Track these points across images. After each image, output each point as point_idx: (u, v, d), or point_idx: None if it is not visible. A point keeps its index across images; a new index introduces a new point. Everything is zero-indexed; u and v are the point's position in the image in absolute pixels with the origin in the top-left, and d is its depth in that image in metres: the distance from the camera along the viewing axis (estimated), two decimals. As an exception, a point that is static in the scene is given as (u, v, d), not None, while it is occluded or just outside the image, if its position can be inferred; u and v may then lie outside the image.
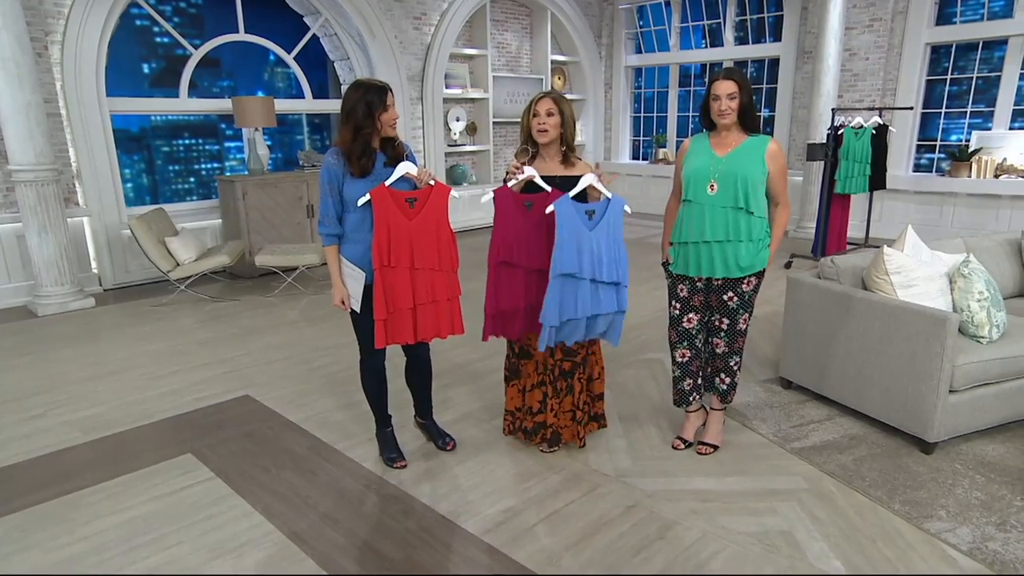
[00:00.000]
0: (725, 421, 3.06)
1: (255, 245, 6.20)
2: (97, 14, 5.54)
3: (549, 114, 2.68)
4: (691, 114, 9.63)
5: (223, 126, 8.38)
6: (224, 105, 6.67)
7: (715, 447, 2.94)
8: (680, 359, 2.92)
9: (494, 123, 8.88)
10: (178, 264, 5.40)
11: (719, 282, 2.76)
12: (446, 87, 8.27)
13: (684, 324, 2.87)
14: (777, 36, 8.35)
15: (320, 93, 8.10)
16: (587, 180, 2.62)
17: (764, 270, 2.75)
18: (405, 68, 7.72)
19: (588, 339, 2.74)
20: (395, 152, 2.65)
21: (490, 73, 8.64)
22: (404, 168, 2.60)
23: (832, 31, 6.86)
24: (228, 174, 7.17)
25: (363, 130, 2.57)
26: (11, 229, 5.35)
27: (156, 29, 7.20)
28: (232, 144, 8.79)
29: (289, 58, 7.15)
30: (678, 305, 2.87)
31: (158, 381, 3.87)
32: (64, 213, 5.20)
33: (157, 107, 6.61)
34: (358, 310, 2.68)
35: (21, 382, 3.87)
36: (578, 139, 10.21)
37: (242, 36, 6.75)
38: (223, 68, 8.20)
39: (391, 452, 2.93)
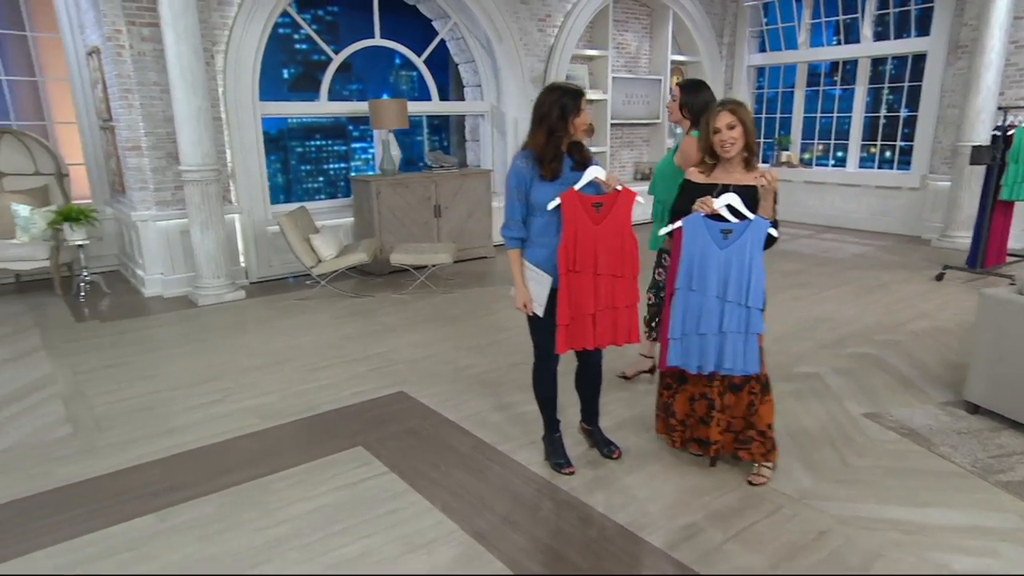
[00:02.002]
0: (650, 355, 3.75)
1: (386, 243, 6.41)
2: (256, 23, 5.89)
3: (730, 127, 2.59)
4: (818, 115, 9.15)
5: (351, 127, 8.74)
6: (360, 107, 6.93)
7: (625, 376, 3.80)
8: (647, 300, 3.66)
9: (612, 124, 8.78)
10: (320, 260, 5.65)
11: (658, 253, 3.52)
12: (565, 89, 8.23)
13: (656, 276, 3.58)
14: (924, 30, 7.78)
15: (442, 96, 8.27)
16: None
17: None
18: (528, 70, 7.76)
19: (725, 370, 2.64)
20: (582, 156, 2.63)
21: (610, 74, 8.55)
22: (593, 172, 2.57)
23: (998, 22, 6.31)
24: (355, 174, 7.45)
25: (556, 133, 2.57)
26: (176, 225, 5.77)
27: (296, 36, 7.59)
28: (358, 145, 9.17)
29: (419, 62, 7.34)
30: (655, 262, 3.58)
31: (315, 373, 4.05)
32: (222, 210, 5.56)
33: (301, 110, 6.96)
34: (541, 314, 2.68)
35: (195, 369, 4.15)
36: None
37: (377, 41, 6.99)
38: (353, 72, 8.55)
39: (559, 458, 2.92)
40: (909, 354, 4.18)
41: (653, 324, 3.66)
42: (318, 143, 8.59)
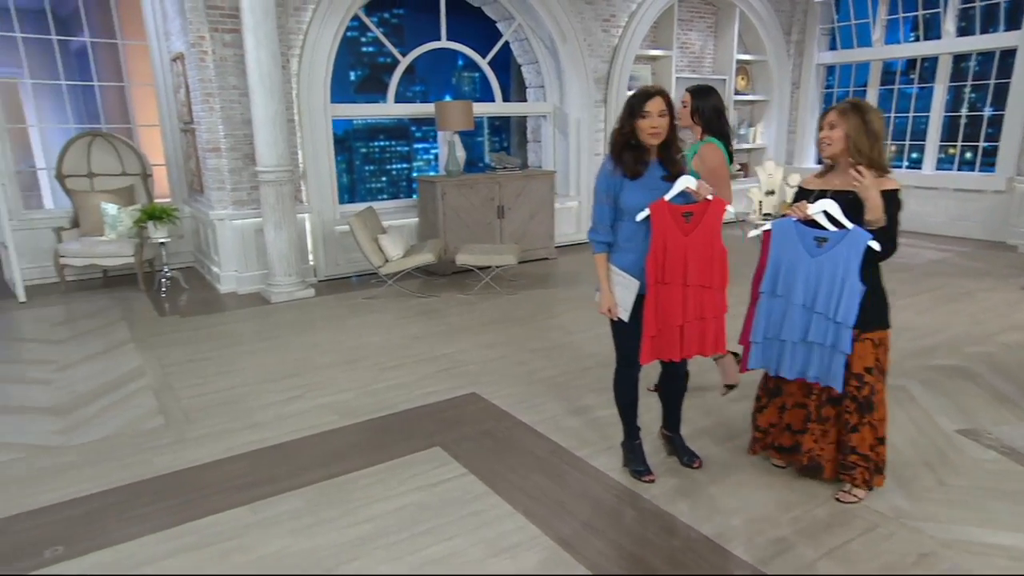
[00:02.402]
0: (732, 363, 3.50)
1: (450, 244, 6.47)
2: (329, 28, 6.04)
3: (831, 126, 2.51)
4: (892, 115, 8.79)
5: (413, 128, 8.86)
6: (426, 109, 7.01)
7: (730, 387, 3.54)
8: None
9: (674, 125, 8.62)
10: (387, 260, 5.74)
11: None
12: (628, 89, 8.16)
13: None
14: (1014, 23, 7.37)
15: (503, 97, 8.28)
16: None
17: None
18: (592, 71, 7.71)
19: (810, 377, 2.57)
20: (675, 165, 2.58)
21: (673, 74, 8.42)
22: (684, 183, 2.53)
23: (1098, 18, 5.93)
24: (418, 174, 7.54)
25: (623, 130, 2.56)
26: (251, 224, 5.97)
27: (363, 40, 7.75)
28: (420, 145, 9.28)
29: (483, 63, 7.38)
30: None
31: (387, 373, 4.12)
32: (294, 210, 5.72)
33: (369, 112, 7.10)
34: (626, 319, 2.65)
35: (273, 365, 4.28)
36: (759, 141, 9.75)
37: (444, 43, 7.06)
38: (416, 74, 8.66)
39: (638, 465, 2.88)
40: (1003, 368, 3.97)
41: None
42: (381, 144, 8.79)
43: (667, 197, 2.52)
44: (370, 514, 2.63)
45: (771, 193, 5.56)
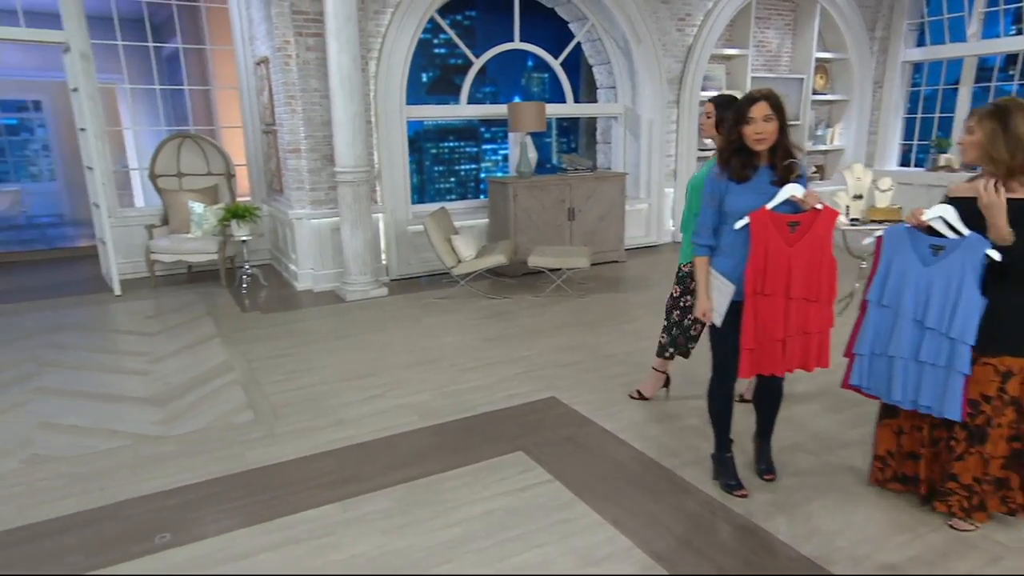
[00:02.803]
0: (659, 380, 3.67)
1: (520, 245, 6.46)
2: (407, 31, 6.12)
3: (970, 131, 2.36)
4: (987, 114, 8.27)
5: (482, 129, 8.91)
6: (498, 110, 7.02)
7: (643, 396, 3.68)
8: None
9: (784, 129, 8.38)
10: (460, 261, 5.78)
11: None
12: (702, 90, 7.97)
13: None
14: None
15: (573, 98, 8.22)
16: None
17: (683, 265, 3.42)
18: (665, 71, 7.56)
19: (923, 408, 2.41)
20: (785, 172, 2.48)
21: (749, 74, 8.17)
22: (789, 191, 2.42)
23: None
24: (485, 175, 7.55)
25: (730, 136, 2.48)
26: (328, 223, 6.11)
27: (435, 41, 7.83)
28: (488, 147, 9.33)
29: (555, 64, 7.34)
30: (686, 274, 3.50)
31: (465, 375, 4.13)
32: (370, 210, 5.82)
33: (442, 113, 7.16)
34: (719, 324, 2.57)
35: (352, 363, 4.35)
36: (837, 143, 9.36)
37: (517, 44, 7.05)
38: (487, 75, 8.70)
39: (730, 479, 2.79)
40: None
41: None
42: (451, 144, 8.87)
43: (770, 206, 2.42)
44: (459, 517, 2.63)
45: (859, 197, 5.31)
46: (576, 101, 7.88)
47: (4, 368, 4.27)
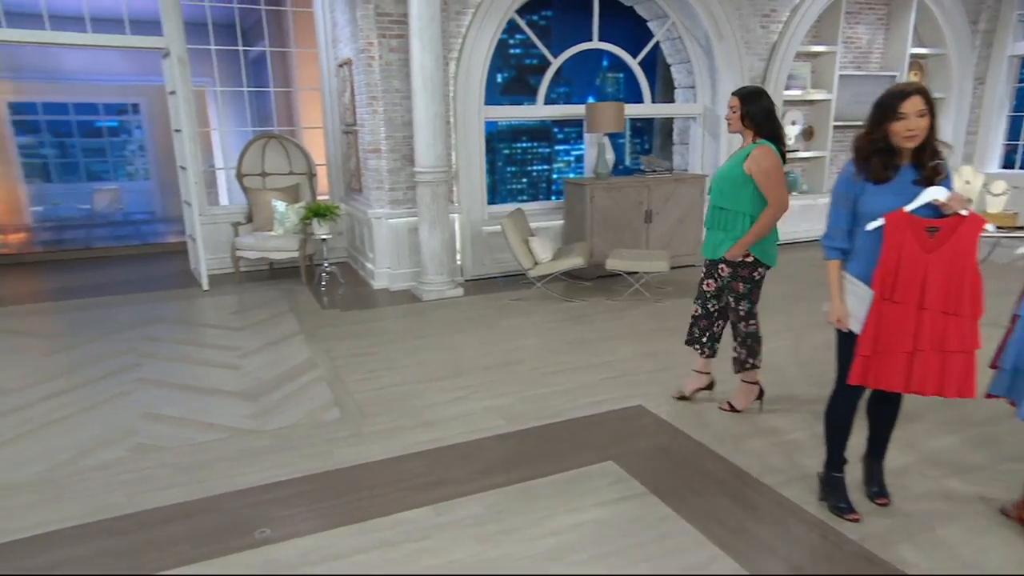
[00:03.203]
0: (750, 392, 3.49)
1: (596, 248, 6.35)
2: (487, 31, 6.12)
3: None
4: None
5: (555, 130, 8.84)
6: (576, 111, 6.94)
7: (734, 408, 3.51)
8: (693, 312, 3.54)
9: (834, 127, 8.02)
10: (537, 263, 5.72)
11: (710, 262, 3.35)
12: (785, 88, 7.66)
13: (704, 286, 3.43)
14: None
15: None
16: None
17: (749, 266, 3.20)
18: (748, 69, 7.30)
19: None
20: (929, 172, 2.30)
21: (836, 72, 7.80)
22: (932, 194, 2.24)
23: None
24: (558, 176, 7.48)
25: (872, 134, 2.31)
26: (405, 223, 6.16)
27: (511, 42, 7.79)
28: (560, 147, 9.26)
29: (634, 64, 7.19)
30: (703, 271, 3.44)
31: (548, 378, 4.06)
32: (448, 210, 5.83)
33: (520, 113, 7.13)
34: (858, 331, 2.40)
35: (434, 363, 4.35)
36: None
37: (595, 44, 6.95)
38: (561, 75, 8.61)
39: (840, 501, 2.62)
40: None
41: (704, 339, 3.54)
42: (523, 145, 8.82)
43: (909, 208, 2.25)
44: (553, 527, 2.56)
45: (968, 202, 4.95)
46: (652, 101, 7.71)
47: (107, 358, 4.47)
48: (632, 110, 7.20)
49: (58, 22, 6.01)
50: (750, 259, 3.20)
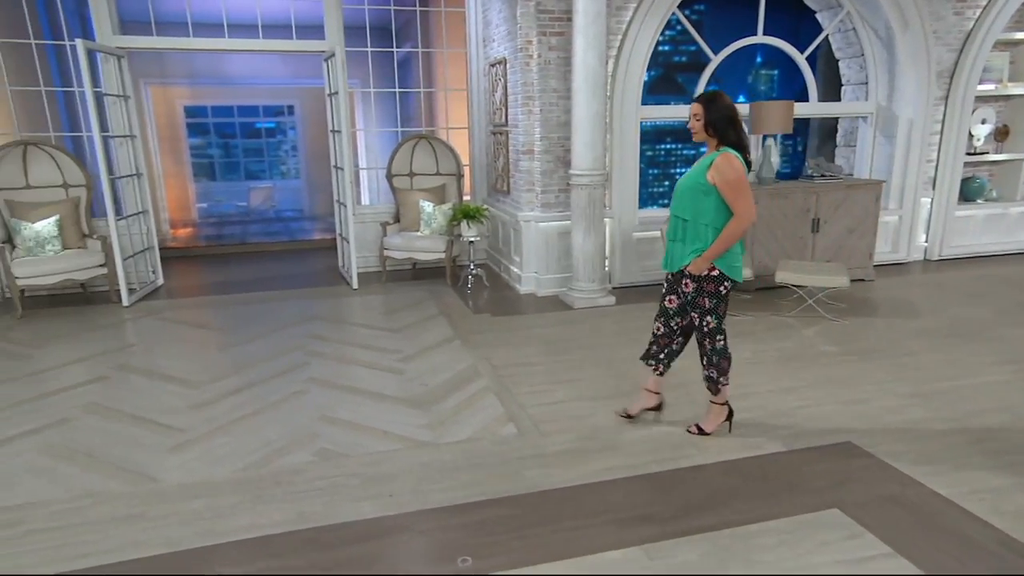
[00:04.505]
0: (720, 414, 3.29)
1: (755, 258, 5.88)
2: (649, 27, 5.81)
3: None
4: None
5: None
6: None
7: (703, 431, 3.29)
8: (655, 330, 3.31)
9: (1035, 125, 7.04)
10: (697, 273, 5.34)
11: (672, 276, 3.17)
12: (979, 83, 6.79)
13: (665, 303, 3.24)
14: None
15: (803, 94, 7.40)
16: None
17: (715, 280, 3.02)
18: (935, 62, 6.53)
19: None
20: None
21: (1040, 62, 6.83)
22: None
23: None
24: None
25: None
26: (556, 227, 5.97)
27: (659, 39, 7.37)
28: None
29: (801, 59, 6.62)
30: (664, 286, 3.25)
31: (735, 402, 3.70)
32: (603, 215, 5.57)
33: (676, 113, 6.75)
34: None
35: (600, 378, 4.09)
36: None
37: (760, 39, 6.46)
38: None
39: None
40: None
41: (661, 356, 3.33)
42: (666, 147, 8.39)
43: None
44: (788, 587, 2.24)
45: None
46: (804, 99, 7.09)
47: (277, 355, 4.57)
48: (798, 110, 6.62)
49: (220, 30, 6.31)
50: (715, 273, 3.02)
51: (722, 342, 3.18)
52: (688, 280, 3.08)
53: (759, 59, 7.67)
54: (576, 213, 5.53)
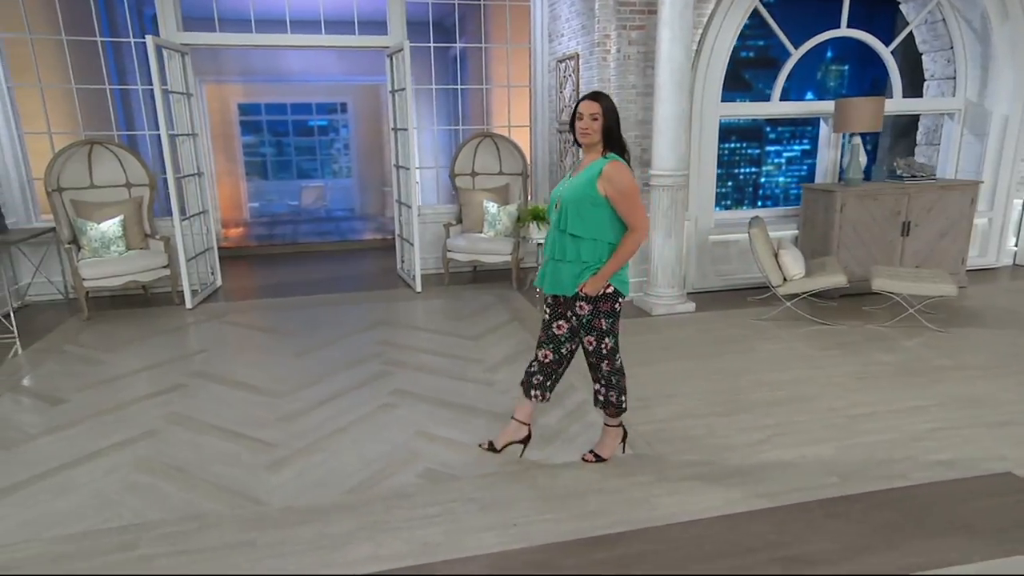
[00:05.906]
0: (616, 436, 3.06)
1: (842, 262, 5.56)
2: (732, 19, 5.53)
3: None
4: None
5: (767, 129, 8.03)
6: (819, 107, 6.18)
7: (600, 458, 3.04)
8: (542, 358, 3.00)
9: None
10: (786, 279, 5.06)
11: (562, 299, 2.85)
12: (1075, 77, 6.39)
13: (554, 329, 2.94)
14: None
15: (875, 90, 7.03)
16: None
17: (610, 298, 2.77)
18: (1033, 56, 6.14)
19: None
20: None
21: None
22: None
23: None
24: (766, 180, 6.71)
25: None
26: (632, 229, 5.70)
27: (729, 33, 7.05)
28: (771, 148, 8.43)
29: (886, 53, 6.28)
30: (547, 311, 2.95)
31: (858, 423, 3.42)
32: (684, 217, 5.30)
33: (755, 111, 6.46)
34: None
35: (703, 393, 3.84)
36: None
37: (844, 31, 6.13)
38: (777, 68, 7.78)
39: None
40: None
41: (548, 384, 3.03)
42: (731, 146, 8.08)
43: None
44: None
45: None
46: (878, 93, 6.73)
47: (355, 363, 4.37)
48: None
49: (281, 26, 6.14)
50: (610, 290, 2.77)
51: (619, 361, 2.92)
52: (583, 303, 2.78)
53: (829, 54, 7.30)
54: (656, 216, 5.26)
